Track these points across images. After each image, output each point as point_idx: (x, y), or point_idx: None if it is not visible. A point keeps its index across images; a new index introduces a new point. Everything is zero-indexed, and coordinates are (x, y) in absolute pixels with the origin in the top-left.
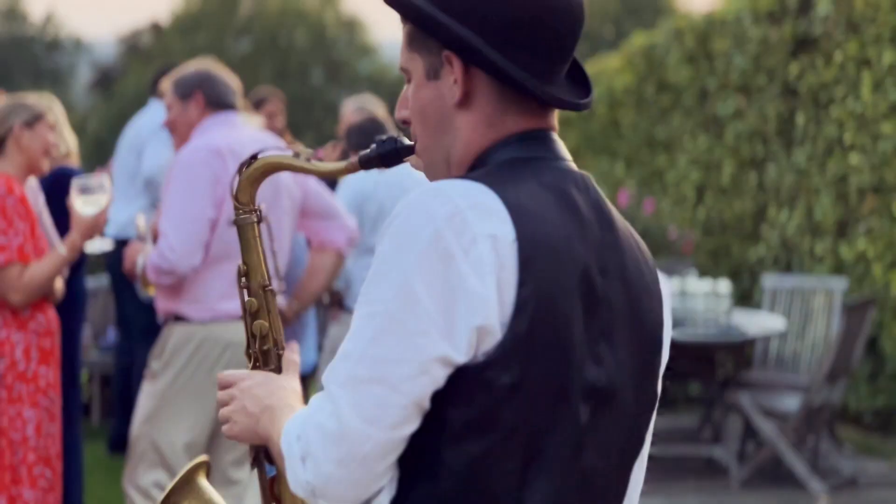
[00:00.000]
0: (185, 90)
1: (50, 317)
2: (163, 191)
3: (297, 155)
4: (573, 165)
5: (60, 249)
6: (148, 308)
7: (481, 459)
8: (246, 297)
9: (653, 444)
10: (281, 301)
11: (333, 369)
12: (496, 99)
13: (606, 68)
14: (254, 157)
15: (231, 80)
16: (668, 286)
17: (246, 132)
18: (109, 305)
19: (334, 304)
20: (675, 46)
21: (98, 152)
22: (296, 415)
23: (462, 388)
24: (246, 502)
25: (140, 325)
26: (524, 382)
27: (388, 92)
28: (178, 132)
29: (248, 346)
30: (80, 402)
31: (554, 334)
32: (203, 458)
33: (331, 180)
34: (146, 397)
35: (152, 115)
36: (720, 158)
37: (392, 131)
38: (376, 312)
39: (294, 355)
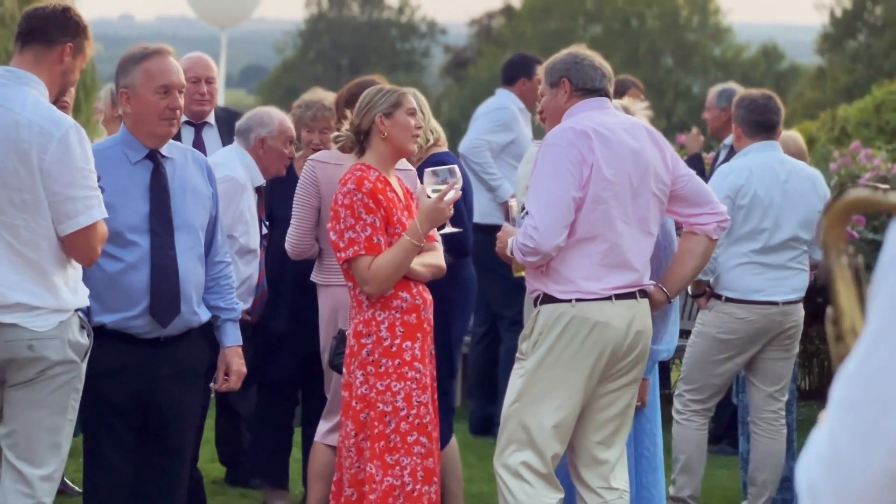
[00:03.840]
0: (553, 77)
1: (415, 294)
2: (530, 172)
3: (876, 189)
4: None
5: (404, 237)
6: (515, 290)
7: None
8: (839, 347)
9: None
10: (651, 285)
11: (835, 387)
12: None
13: None
14: (840, 193)
15: (602, 65)
16: None
17: (616, 117)
18: None
19: (702, 292)
20: None
21: (451, 136)
22: (814, 437)
23: None
24: (613, 482)
25: (507, 307)
26: None
27: (740, 75)
28: (549, 119)
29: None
30: (453, 394)
31: None
32: None
33: (697, 167)
34: (515, 378)
35: (492, 104)
36: None
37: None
38: (873, 327)
39: None
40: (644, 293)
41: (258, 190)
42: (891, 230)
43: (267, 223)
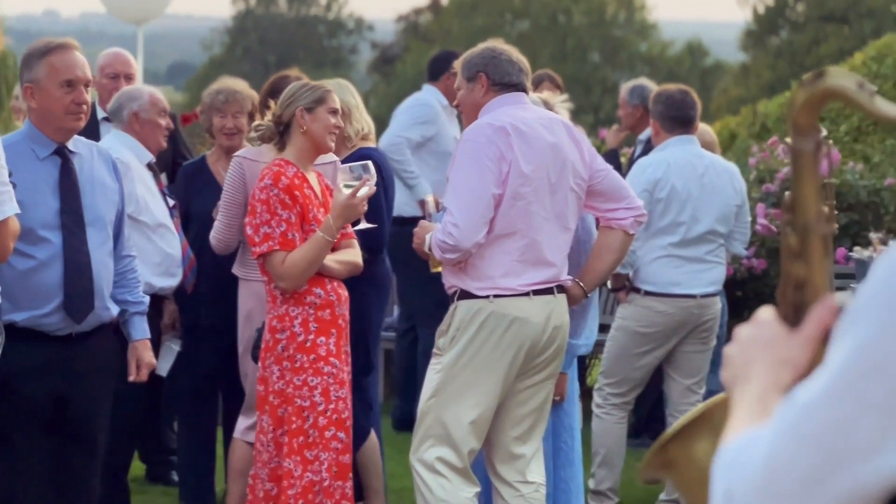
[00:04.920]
0: (470, 71)
1: (329, 290)
2: (449, 169)
3: (861, 86)
4: None
5: (318, 233)
6: (430, 286)
7: None
8: (788, 235)
9: None
10: (568, 280)
11: (786, 406)
12: None
13: (893, 45)
14: (818, 75)
15: (519, 60)
16: None
17: (534, 112)
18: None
19: (621, 286)
20: None
21: (378, 132)
22: (741, 433)
23: None
24: (529, 476)
25: (423, 303)
26: None
27: (667, 71)
28: (465, 113)
29: (783, 292)
30: (370, 389)
31: None
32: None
33: (613, 162)
34: (432, 373)
35: (413, 99)
36: None
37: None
38: (838, 370)
39: (822, 317)
40: (562, 288)
41: (150, 167)
42: (876, 264)
43: (172, 197)
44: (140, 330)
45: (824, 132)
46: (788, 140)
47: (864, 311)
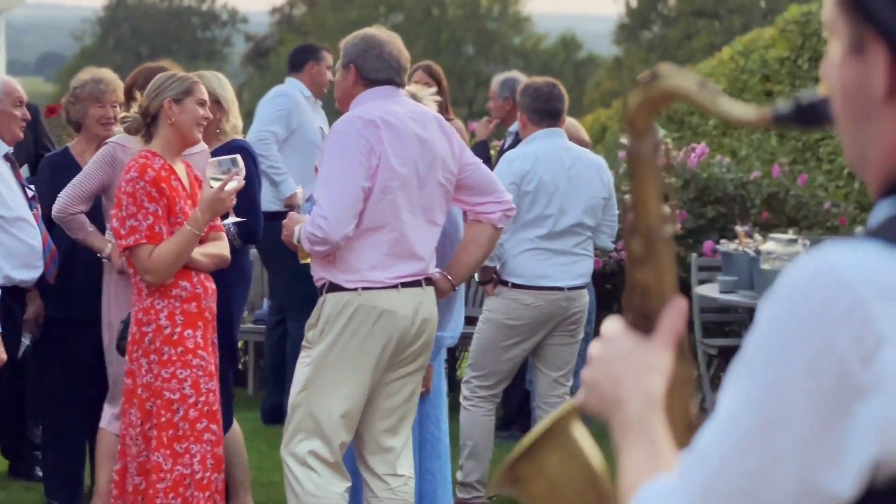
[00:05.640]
0: (344, 59)
1: (195, 283)
2: (318, 160)
3: (703, 86)
4: None
5: (185, 226)
6: (299, 279)
7: None
8: (630, 240)
9: None
10: (436, 273)
11: (694, 462)
12: None
13: (759, 40)
14: (654, 77)
15: (392, 55)
16: None
17: (405, 106)
18: (264, 277)
19: (489, 279)
20: None
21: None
22: (643, 491)
23: None
24: (399, 469)
25: (291, 296)
26: None
27: (541, 64)
28: (339, 100)
29: (628, 299)
30: (232, 381)
31: None
32: (575, 403)
33: (483, 154)
34: (302, 367)
35: (275, 91)
36: None
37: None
38: (746, 419)
39: (675, 321)
40: (430, 281)
41: (7, 158)
42: (766, 301)
43: (31, 187)
44: None
45: (661, 132)
46: (624, 142)
47: (760, 355)
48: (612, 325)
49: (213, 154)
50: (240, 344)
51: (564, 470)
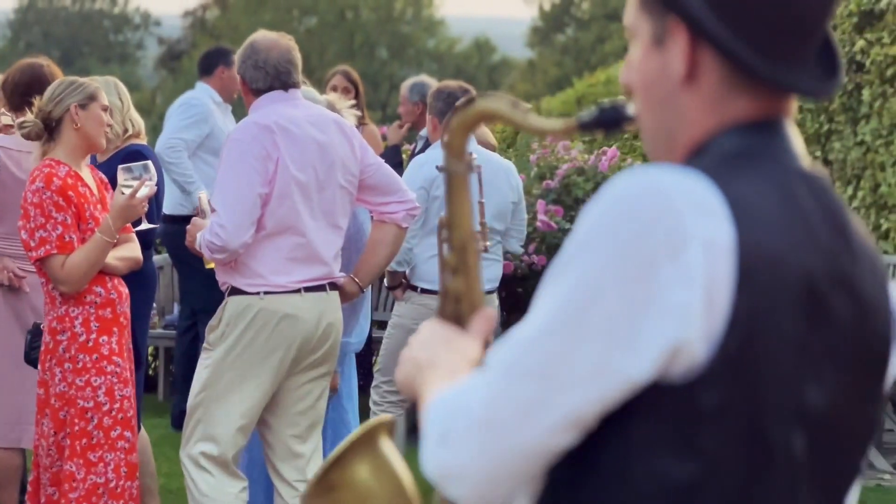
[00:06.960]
0: (238, 69)
1: (109, 288)
2: (217, 168)
3: (515, 105)
4: (804, 162)
5: (97, 234)
6: (211, 284)
7: (679, 492)
8: (445, 252)
9: None
10: (341, 277)
11: (499, 352)
12: (724, 79)
13: None
14: (470, 101)
15: (278, 61)
16: None
17: (304, 109)
18: (174, 282)
19: (398, 284)
20: None
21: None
22: (448, 389)
23: (658, 411)
24: (309, 475)
25: (203, 300)
26: (731, 407)
27: (454, 67)
28: (246, 104)
29: (442, 307)
30: (141, 385)
31: (770, 354)
32: (388, 417)
33: (394, 159)
34: (201, 368)
35: (185, 97)
36: None
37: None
38: (556, 306)
39: (484, 325)
40: (334, 286)
41: None
42: (586, 211)
43: None
44: None
45: (475, 154)
46: (441, 163)
47: (576, 254)
48: (430, 322)
49: (112, 160)
50: (150, 349)
51: (374, 482)
